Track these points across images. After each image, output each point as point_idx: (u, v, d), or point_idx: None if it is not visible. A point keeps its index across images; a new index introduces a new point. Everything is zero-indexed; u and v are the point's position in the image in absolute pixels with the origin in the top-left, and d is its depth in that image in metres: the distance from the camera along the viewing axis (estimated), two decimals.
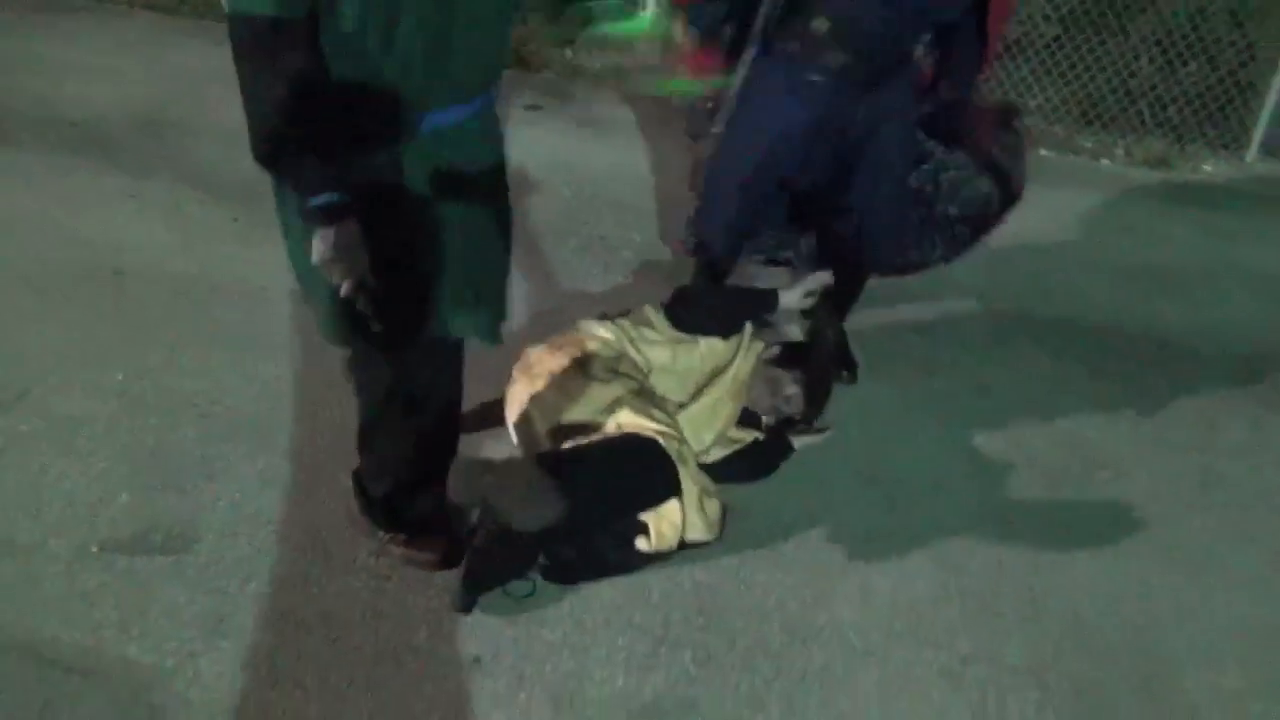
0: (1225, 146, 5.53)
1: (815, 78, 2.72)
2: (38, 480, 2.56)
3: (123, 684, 2.07)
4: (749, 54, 2.76)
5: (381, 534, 2.41)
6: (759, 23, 2.72)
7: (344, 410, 2.52)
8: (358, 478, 2.42)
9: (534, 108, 5.18)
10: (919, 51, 2.83)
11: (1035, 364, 3.45)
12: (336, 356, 2.24)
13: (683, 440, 2.47)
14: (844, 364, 3.12)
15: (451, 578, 2.32)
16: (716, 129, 2.87)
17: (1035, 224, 4.41)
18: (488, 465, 2.23)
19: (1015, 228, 3.17)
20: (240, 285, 3.46)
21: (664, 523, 2.35)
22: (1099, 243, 4.39)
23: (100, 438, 2.72)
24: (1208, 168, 5.42)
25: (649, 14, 2.45)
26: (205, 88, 5.02)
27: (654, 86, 3.13)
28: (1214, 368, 3.54)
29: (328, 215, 1.79)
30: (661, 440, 2.36)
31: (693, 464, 2.43)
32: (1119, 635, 2.41)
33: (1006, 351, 3.51)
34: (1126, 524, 2.77)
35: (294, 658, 2.16)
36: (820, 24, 2.65)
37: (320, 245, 1.81)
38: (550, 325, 2.92)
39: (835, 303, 3.19)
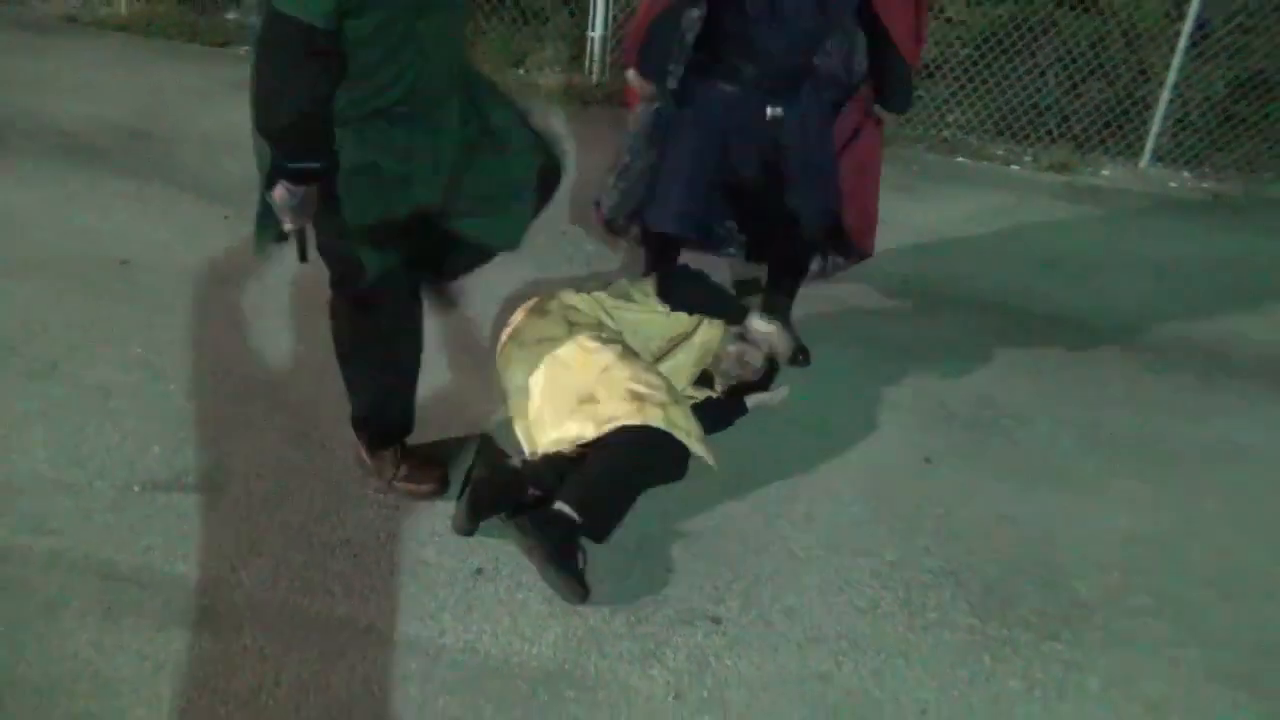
0: (1121, 154, 6.11)
1: (730, 88, 3.17)
2: (77, 436, 2.89)
3: (176, 591, 2.41)
4: (676, 72, 3.21)
5: (382, 466, 2.78)
6: (682, 49, 3.17)
7: None
8: (354, 421, 2.79)
9: None
10: (821, 60, 3.27)
11: (953, 335, 3.92)
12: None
13: (674, 396, 2.83)
14: (799, 349, 3.53)
15: (449, 506, 2.69)
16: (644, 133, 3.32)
17: (954, 220, 4.94)
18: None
19: (936, 223, 3.62)
20: (240, 273, 3.80)
21: None
22: (1009, 235, 4.90)
23: (128, 401, 3.05)
24: (1106, 173, 6.00)
25: None
26: (183, 102, 5.35)
27: None
28: (1103, 338, 4.04)
29: (299, 177, 2.19)
30: (662, 425, 2.66)
31: (685, 413, 2.79)
32: (1022, 547, 2.86)
33: (930, 325, 3.97)
34: (1028, 460, 3.24)
35: (321, 571, 2.52)
36: (731, 44, 3.12)
37: (284, 194, 2.20)
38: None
39: (786, 287, 3.63)
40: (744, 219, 3.55)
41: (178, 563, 2.50)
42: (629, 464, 2.66)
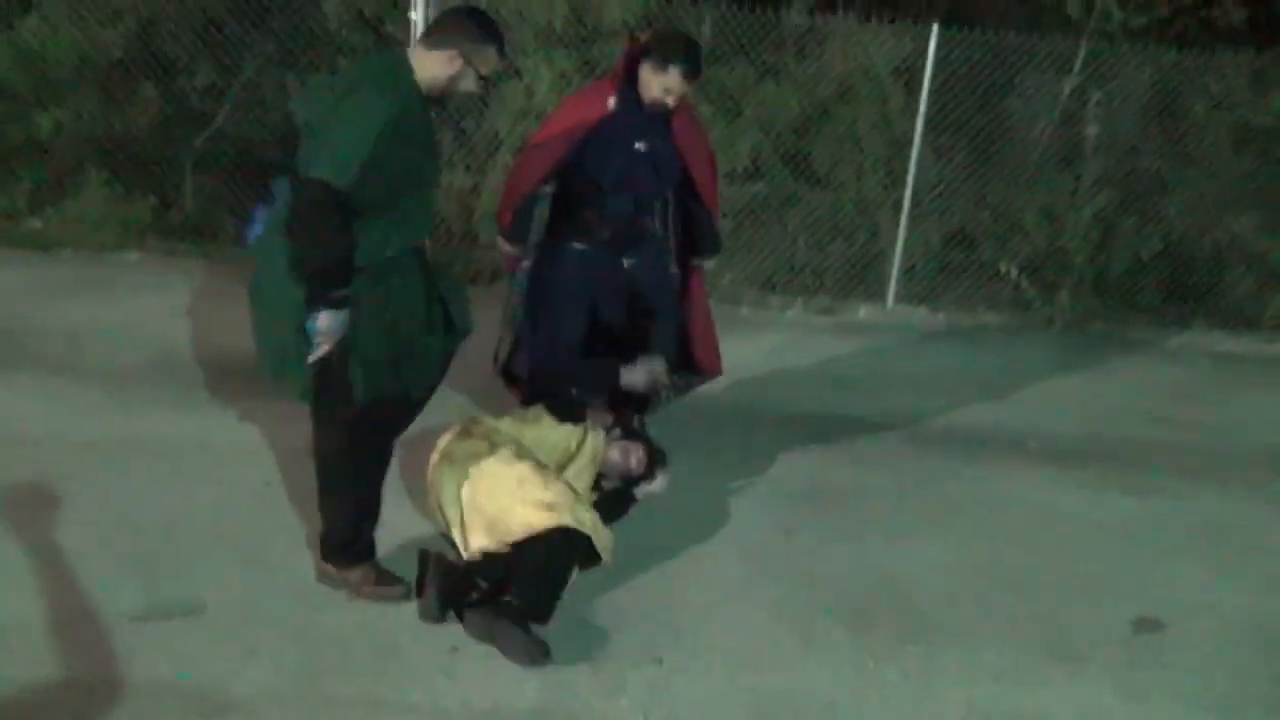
0: (871, 298, 7.36)
1: (585, 247, 3.97)
2: (51, 586, 3.13)
3: (192, 696, 2.72)
4: (536, 237, 3.99)
5: (352, 578, 3.20)
6: (540, 219, 3.97)
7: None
8: (323, 538, 3.22)
9: None
10: (655, 224, 4.12)
11: (781, 440, 4.71)
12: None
13: (578, 499, 3.41)
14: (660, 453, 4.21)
15: (410, 606, 3.15)
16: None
17: (753, 357, 5.86)
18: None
19: (740, 360, 4.51)
20: (155, 438, 4.10)
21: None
22: (799, 365, 5.89)
23: (90, 550, 3.31)
24: (862, 313, 7.22)
25: None
26: (33, 300, 5.58)
27: None
28: (892, 432, 5.01)
29: (339, 303, 2.79)
30: (573, 524, 3.22)
31: (590, 513, 3.37)
32: (871, 582, 3.59)
33: (760, 435, 4.77)
34: (860, 523, 4.03)
35: (317, 661, 2.90)
36: (587, 215, 3.93)
37: (327, 320, 2.80)
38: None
39: (642, 409, 4.32)
40: (606, 356, 4.24)
41: (190, 671, 2.80)
42: (554, 559, 3.21)
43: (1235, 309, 7.63)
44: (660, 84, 3.77)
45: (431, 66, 2.93)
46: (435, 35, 2.99)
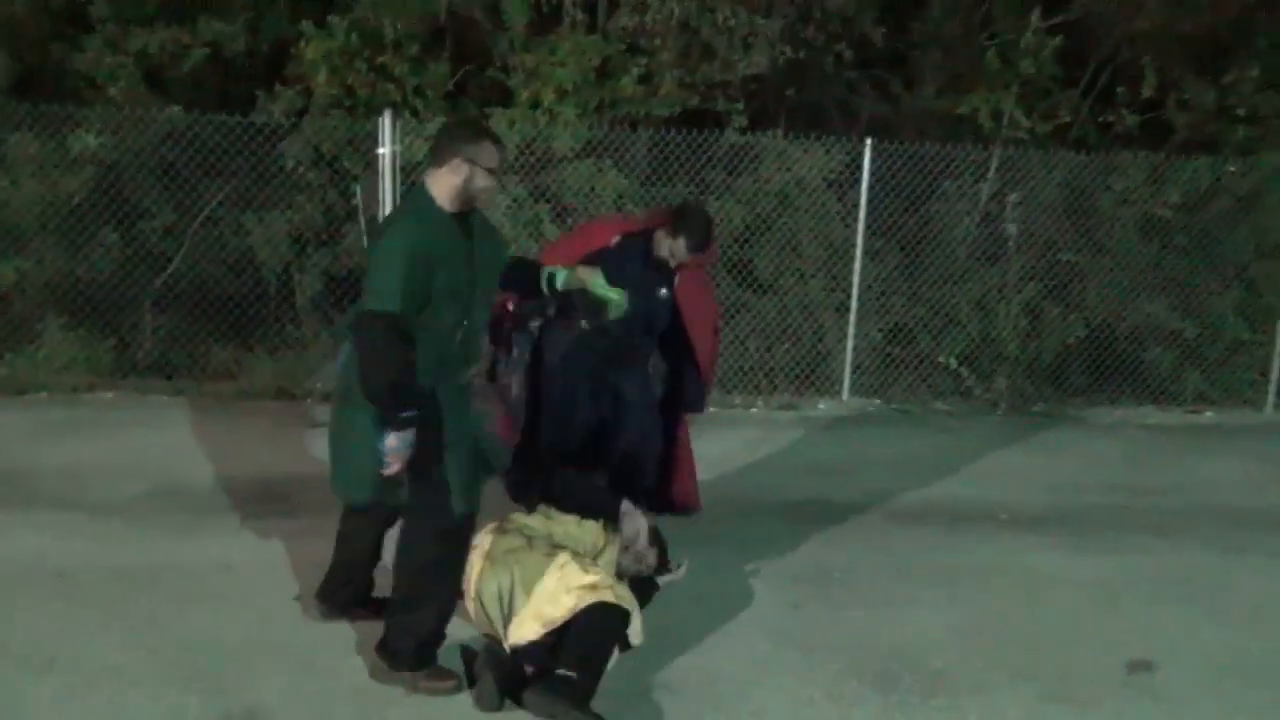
0: (827, 393, 7.75)
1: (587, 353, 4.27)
2: (111, 709, 3.20)
3: None
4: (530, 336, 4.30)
5: (408, 676, 3.34)
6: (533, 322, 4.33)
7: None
8: (383, 645, 3.36)
9: None
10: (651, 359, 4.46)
11: (770, 526, 4.98)
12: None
13: (615, 581, 3.62)
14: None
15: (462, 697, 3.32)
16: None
17: (731, 452, 6.15)
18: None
19: (719, 454, 4.84)
20: (162, 565, 4.19)
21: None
22: (773, 456, 6.21)
23: (142, 674, 3.39)
24: (821, 406, 7.60)
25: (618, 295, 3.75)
26: (18, 442, 5.62)
27: None
28: (869, 509, 5.33)
29: (406, 423, 3.03)
30: (613, 599, 3.46)
31: (627, 591, 3.58)
32: (882, 645, 3.83)
33: (752, 521, 5.02)
34: (860, 593, 4.29)
35: None
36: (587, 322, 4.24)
37: (395, 441, 3.04)
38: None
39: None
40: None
41: None
42: (600, 633, 3.40)
43: (1158, 385, 8.20)
44: (668, 247, 4.23)
45: (445, 181, 3.22)
46: (437, 154, 3.26)
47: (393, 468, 3.09)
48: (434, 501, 3.23)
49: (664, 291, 4.30)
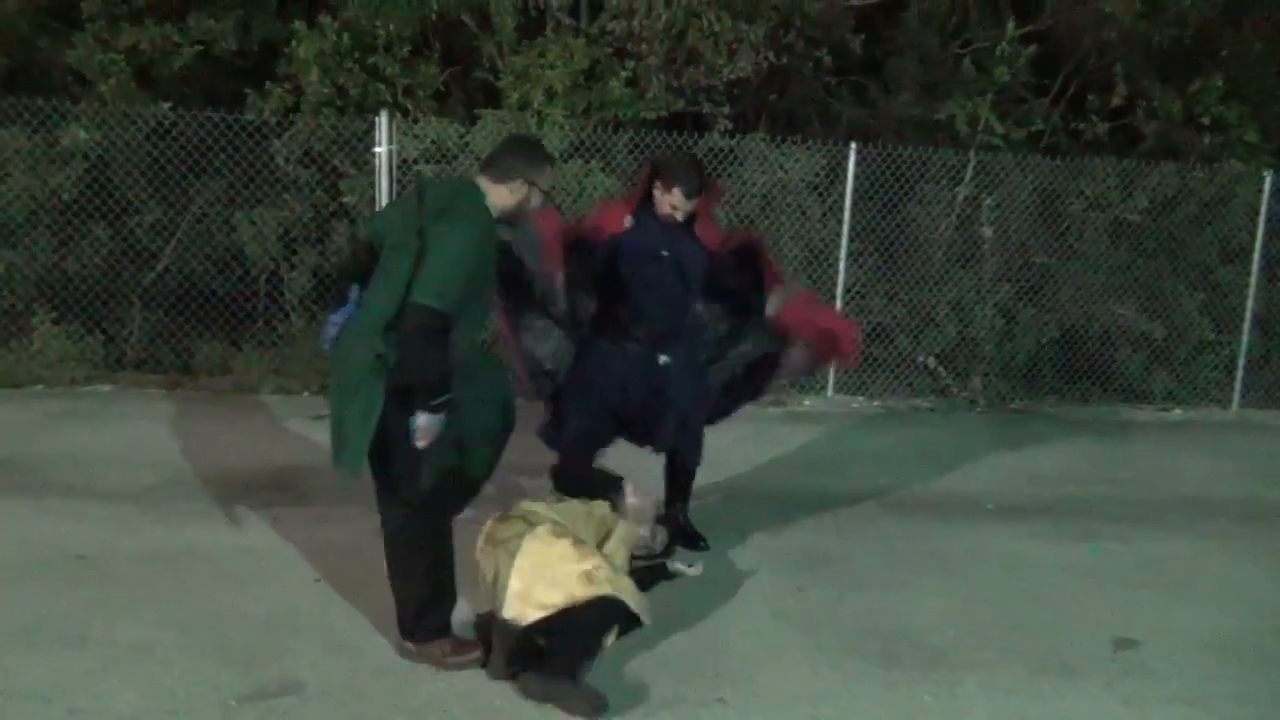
0: (813, 390, 7.95)
1: (612, 345, 4.40)
2: (150, 680, 3.31)
3: None
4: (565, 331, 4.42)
5: (434, 651, 3.47)
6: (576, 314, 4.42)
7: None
8: (403, 623, 3.49)
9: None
10: (700, 313, 4.56)
11: (768, 514, 5.14)
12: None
13: (616, 571, 3.76)
14: (697, 537, 4.59)
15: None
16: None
17: (724, 447, 6.28)
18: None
19: (711, 447, 5.04)
20: (184, 549, 4.29)
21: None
22: (764, 450, 6.37)
23: (173, 650, 3.49)
24: (807, 403, 7.81)
25: None
26: (25, 432, 5.66)
27: None
28: (864, 500, 5.52)
29: (440, 407, 3.19)
30: (609, 590, 3.60)
31: (628, 583, 3.72)
32: (885, 624, 4.01)
33: (749, 510, 5.18)
34: (864, 575, 4.47)
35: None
36: (620, 317, 4.36)
37: (428, 421, 3.22)
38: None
39: (679, 493, 4.68)
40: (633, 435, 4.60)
41: None
42: (593, 623, 3.54)
43: (1128, 384, 8.48)
44: (668, 202, 4.27)
45: (503, 196, 3.41)
46: (498, 169, 3.42)
47: (422, 443, 3.26)
48: (402, 472, 3.37)
49: (665, 252, 4.32)
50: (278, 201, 7.89)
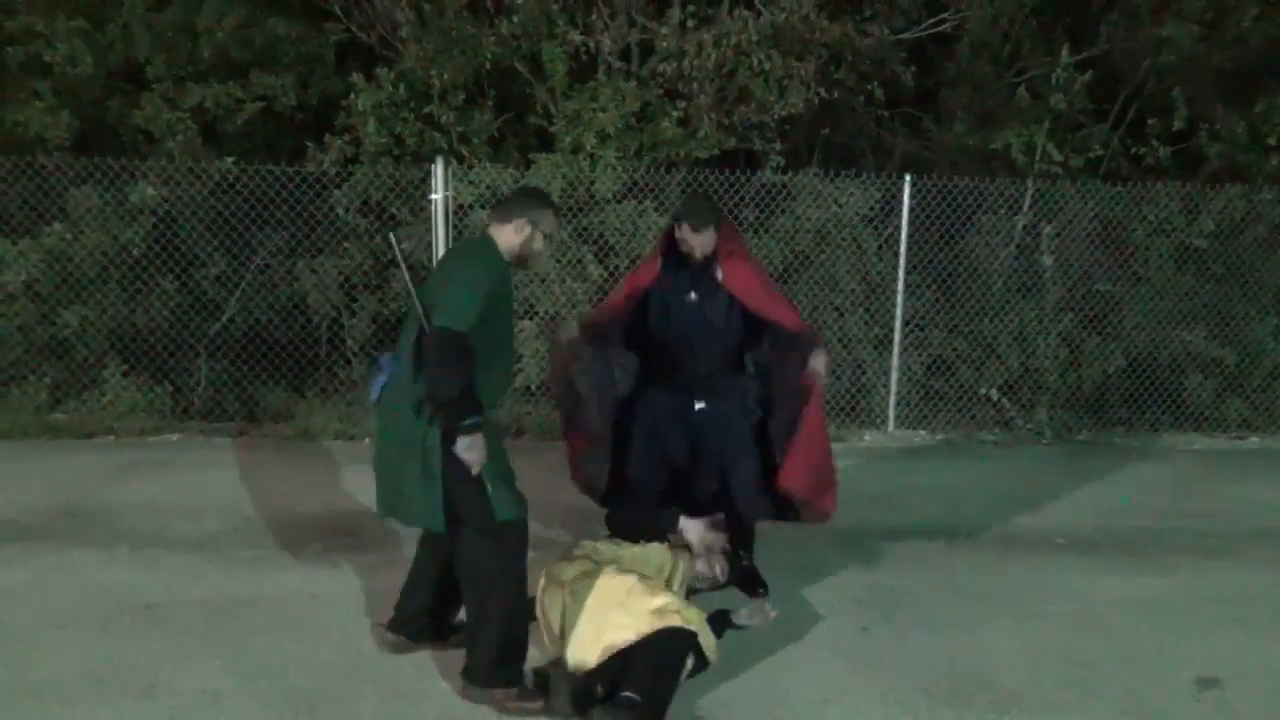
0: (872, 425, 7.86)
1: (654, 394, 4.40)
2: None
3: None
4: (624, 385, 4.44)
5: (497, 695, 3.46)
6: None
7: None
8: (468, 671, 3.48)
9: None
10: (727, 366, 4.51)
11: (831, 554, 5.05)
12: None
13: (685, 604, 3.72)
14: (759, 583, 4.51)
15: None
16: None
17: None
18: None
19: None
20: (247, 596, 4.33)
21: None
22: None
23: (239, 698, 3.52)
24: (867, 438, 7.71)
25: None
26: (95, 484, 5.80)
27: None
28: (918, 536, 5.41)
29: (474, 429, 3.28)
30: (679, 622, 3.57)
31: (697, 614, 3.68)
32: (955, 665, 3.91)
33: (802, 545, 5.08)
34: (927, 615, 4.36)
35: None
36: (656, 365, 4.39)
37: (466, 443, 3.29)
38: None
39: (740, 543, 4.59)
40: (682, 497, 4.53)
41: None
42: (667, 655, 3.51)
43: (1200, 412, 8.25)
44: (681, 239, 4.28)
45: (508, 237, 3.62)
46: (504, 212, 3.67)
47: (475, 468, 3.34)
48: (473, 506, 3.43)
49: (692, 295, 4.30)
50: (338, 250, 8.04)
